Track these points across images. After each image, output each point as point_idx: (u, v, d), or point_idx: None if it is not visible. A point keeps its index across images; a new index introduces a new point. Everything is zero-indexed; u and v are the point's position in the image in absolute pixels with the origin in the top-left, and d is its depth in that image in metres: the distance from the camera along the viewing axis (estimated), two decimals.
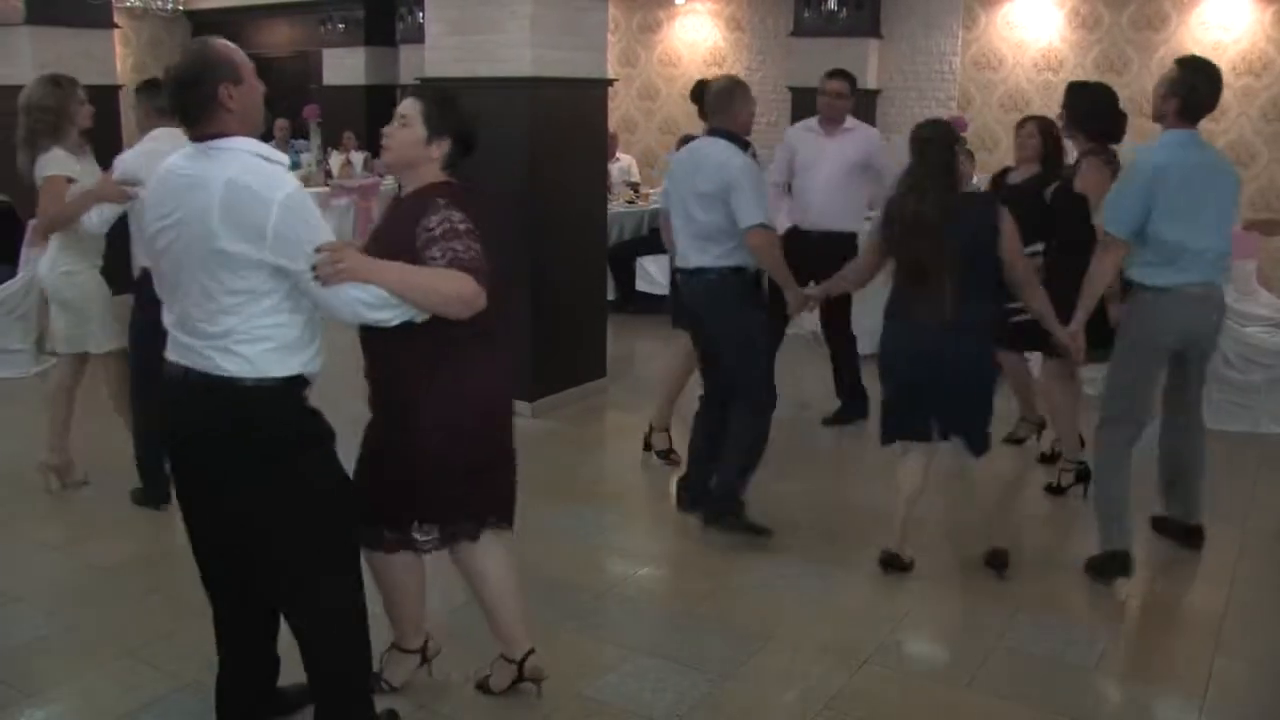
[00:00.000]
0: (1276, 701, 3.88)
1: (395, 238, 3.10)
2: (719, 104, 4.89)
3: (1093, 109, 5.32)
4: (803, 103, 10.62)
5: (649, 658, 3.96)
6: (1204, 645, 4.13)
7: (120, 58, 12.77)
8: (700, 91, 5.91)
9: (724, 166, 4.71)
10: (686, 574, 4.73)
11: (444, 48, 6.76)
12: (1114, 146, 5.40)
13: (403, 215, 3.22)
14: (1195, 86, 4.50)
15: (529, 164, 6.53)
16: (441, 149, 3.31)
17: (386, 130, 3.30)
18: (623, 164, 11.08)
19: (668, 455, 5.96)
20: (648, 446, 6.03)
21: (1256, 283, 8.40)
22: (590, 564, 4.82)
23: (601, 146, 7.22)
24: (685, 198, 4.87)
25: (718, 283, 4.86)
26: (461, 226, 3.16)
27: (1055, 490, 5.62)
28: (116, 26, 10.56)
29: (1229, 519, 5.32)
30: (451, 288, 3.06)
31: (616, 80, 7.53)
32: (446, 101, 3.36)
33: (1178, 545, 4.92)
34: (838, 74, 6.65)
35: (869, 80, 11.32)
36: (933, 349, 4.41)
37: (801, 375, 7.53)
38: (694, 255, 4.89)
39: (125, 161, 5.01)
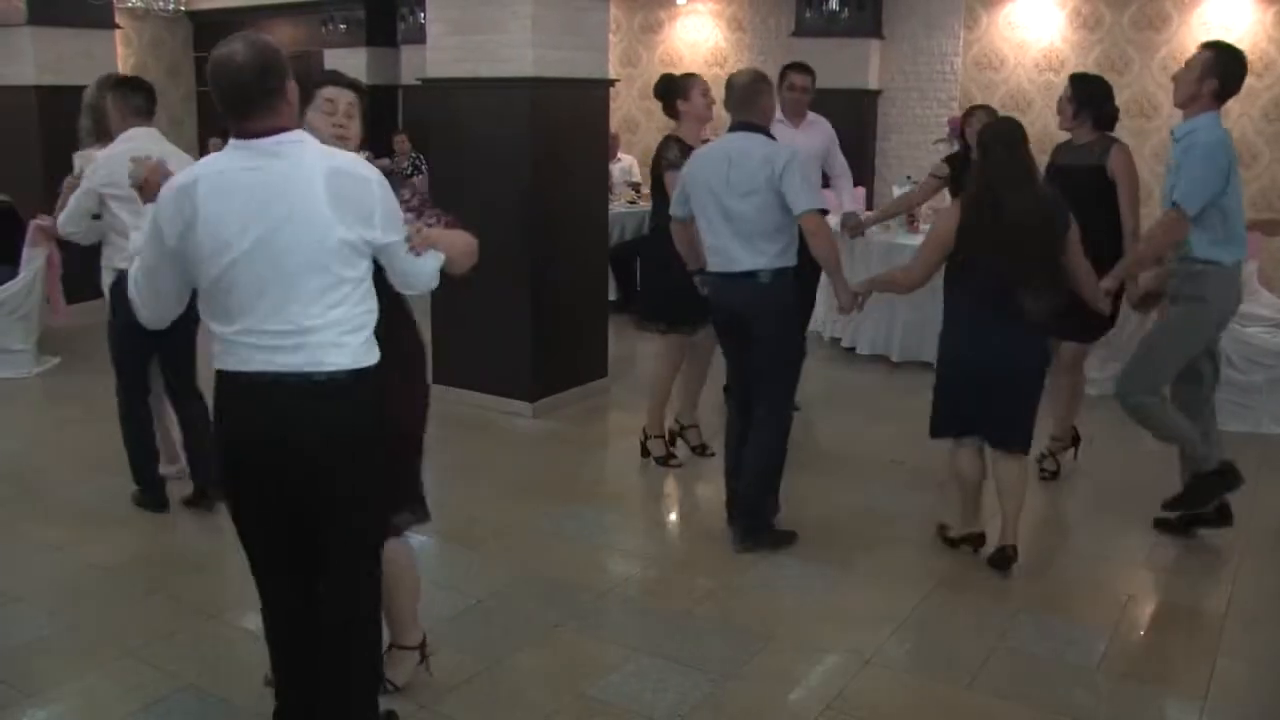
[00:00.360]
0: (1278, 702, 3.87)
1: None
2: (746, 98, 4.81)
3: (1100, 97, 5.46)
4: None
5: (650, 658, 3.95)
6: (1206, 646, 4.13)
7: (121, 58, 12.79)
8: (666, 88, 5.86)
9: (772, 157, 4.61)
10: (688, 574, 4.71)
11: (445, 48, 6.76)
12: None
13: None
14: (1234, 69, 4.67)
15: (530, 164, 6.52)
16: None
17: (341, 120, 3.31)
18: (624, 164, 11.08)
19: (667, 461, 5.94)
20: (645, 453, 5.98)
21: (1258, 283, 8.40)
22: (592, 564, 4.81)
23: (603, 147, 7.21)
24: (722, 197, 4.68)
25: (770, 285, 4.69)
26: (423, 195, 3.41)
27: (1054, 474, 5.81)
28: (118, 27, 10.56)
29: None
30: (474, 243, 3.33)
31: (618, 80, 7.53)
32: None
33: (1211, 530, 5.06)
34: (803, 68, 6.58)
35: (870, 81, 11.32)
36: (1019, 347, 4.48)
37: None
38: (745, 257, 4.68)
39: (99, 162, 5.02)
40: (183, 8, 15.48)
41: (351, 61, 14.10)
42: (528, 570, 4.69)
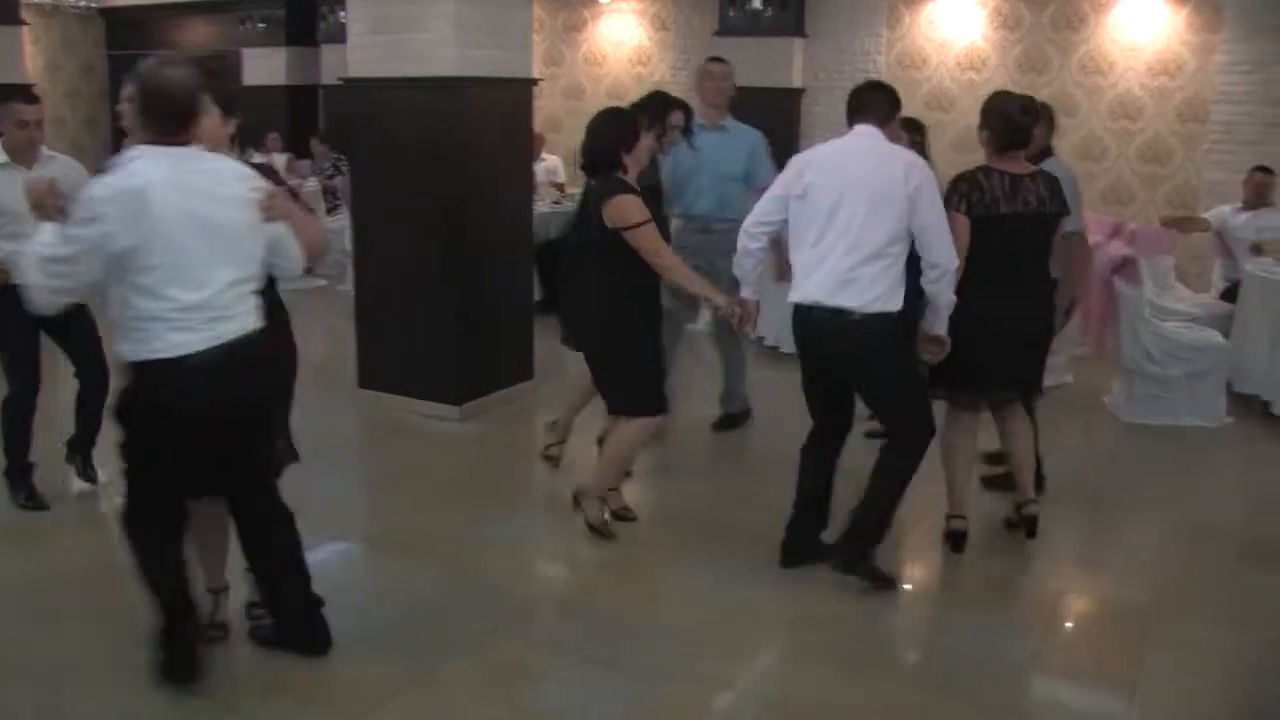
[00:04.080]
0: (1205, 693, 3.92)
1: None
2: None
3: None
4: None
5: (583, 663, 3.91)
6: (1133, 639, 4.18)
7: (30, 56, 12.46)
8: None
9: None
10: (621, 578, 4.66)
11: (366, 47, 6.65)
12: None
13: None
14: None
15: (454, 165, 6.44)
16: None
17: None
18: (548, 164, 11.01)
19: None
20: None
21: (1174, 279, 8.56)
22: (522, 569, 4.75)
23: (527, 147, 7.14)
24: None
25: None
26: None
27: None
28: (24, 23, 10.26)
29: (1152, 512, 5.41)
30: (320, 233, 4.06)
31: (542, 80, 7.45)
32: None
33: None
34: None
35: (794, 80, 11.37)
36: None
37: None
38: None
39: None
40: (94, 5, 15.13)
41: (271, 61, 13.93)
42: (457, 578, 4.61)
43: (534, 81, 7.03)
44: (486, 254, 6.70)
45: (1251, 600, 4.55)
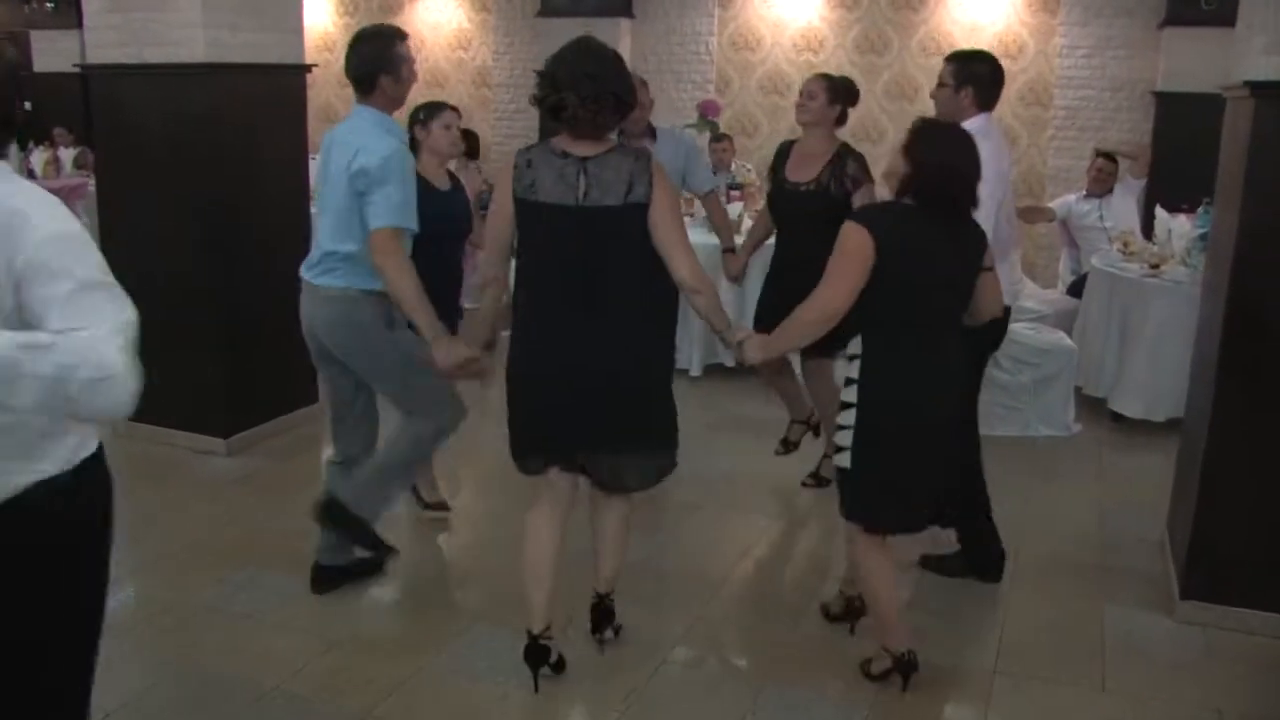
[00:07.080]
0: None
1: None
2: None
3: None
4: None
5: None
6: (973, 712, 3.57)
7: None
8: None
9: None
10: (373, 659, 3.83)
11: (104, 28, 5.74)
12: None
13: None
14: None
15: (211, 165, 5.58)
16: None
17: None
18: None
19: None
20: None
21: (1020, 272, 8.09)
22: (259, 649, 3.88)
23: (299, 142, 6.26)
24: None
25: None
26: None
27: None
28: None
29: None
30: None
31: (315, 66, 6.55)
32: None
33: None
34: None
35: None
36: None
37: None
38: None
39: None
40: None
41: (63, 44, 12.78)
42: (180, 662, 3.79)
43: (306, 68, 6.18)
44: (256, 262, 5.84)
45: (1096, 654, 3.99)
